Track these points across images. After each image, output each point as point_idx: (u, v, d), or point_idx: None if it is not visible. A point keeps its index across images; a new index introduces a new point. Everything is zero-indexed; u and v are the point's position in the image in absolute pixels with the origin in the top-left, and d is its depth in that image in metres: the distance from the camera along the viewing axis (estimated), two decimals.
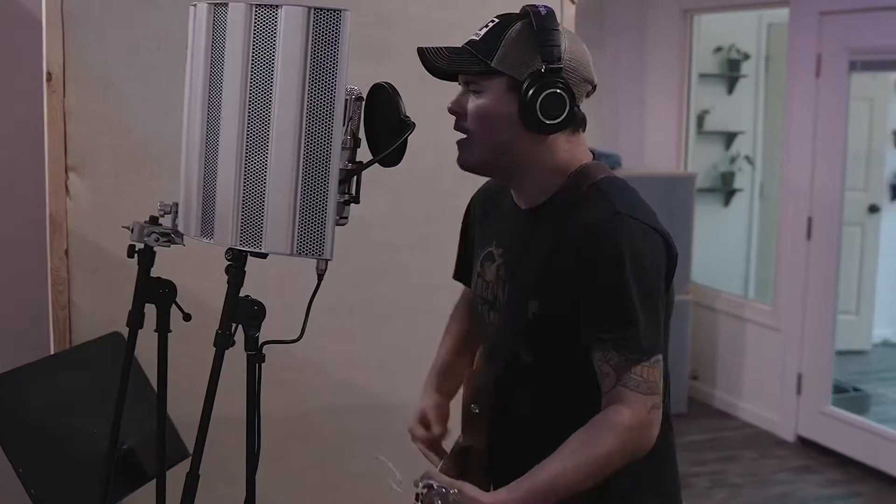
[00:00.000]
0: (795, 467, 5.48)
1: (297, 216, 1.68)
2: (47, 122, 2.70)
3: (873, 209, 7.06)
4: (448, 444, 2.10)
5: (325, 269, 1.80)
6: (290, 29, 1.65)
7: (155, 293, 1.96)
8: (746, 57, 7.10)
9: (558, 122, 1.82)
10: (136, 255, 1.94)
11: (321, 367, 3.01)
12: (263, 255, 1.76)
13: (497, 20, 1.87)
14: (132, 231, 1.93)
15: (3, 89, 3.33)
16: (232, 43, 1.68)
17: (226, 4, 1.70)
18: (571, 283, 1.82)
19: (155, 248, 1.93)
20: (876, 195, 7.13)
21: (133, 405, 2.12)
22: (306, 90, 1.66)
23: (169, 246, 1.92)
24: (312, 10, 1.64)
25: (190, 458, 2.41)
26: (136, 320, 1.96)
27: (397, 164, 1.85)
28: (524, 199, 1.95)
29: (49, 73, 2.67)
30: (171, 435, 2.45)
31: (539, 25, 1.81)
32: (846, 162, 5.52)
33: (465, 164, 1.92)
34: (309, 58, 1.65)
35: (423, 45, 1.89)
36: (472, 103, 1.86)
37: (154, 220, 1.93)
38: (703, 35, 6.70)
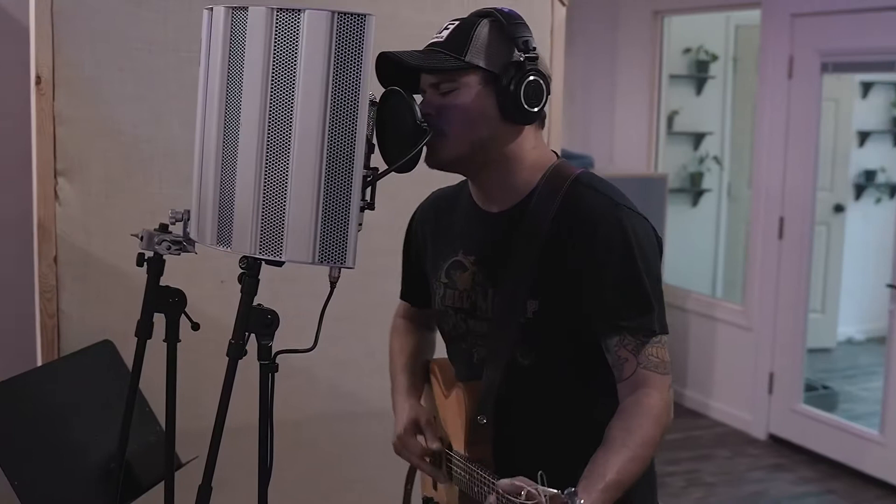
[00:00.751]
0: (768, 465, 5.53)
1: (319, 224, 1.65)
2: (35, 126, 2.64)
3: (839, 209, 7.16)
4: None
5: (339, 276, 1.78)
6: (313, 33, 1.61)
7: (164, 302, 1.92)
8: (715, 58, 7.15)
9: (538, 111, 1.84)
10: (145, 263, 1.89)
11: (313, 373, 2.98)
12: (279, 264, 1.72)
13: (457, 22, 1.87)
14: (141, 239, 1.88)
15: None
16: (252, 47, 1.65)
17: (245, 8, 1.66)
18: (578, 277, 1.82)
19: (164, 257, 1.89)
20: (841, 195, 7.23)
21: None
22: (329, 96, 1.62)
23: (179, 254, 1.88)
24: (336, 15, 1.61)
25: (183, 467, 2.40)
26: (145, 330, 1.92)
27: (412, 169, 1.83)
28: (495, 200, 1.93)
29: (38, 76, 2.61)
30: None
31: (509, 21, 1.83)
32: (818, 162, 5.58)
33: (439, 162, 1.88)
34: (332, 63, 1.61)
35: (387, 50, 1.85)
36: (447, 101, 1.83)
37: (164, 228, 1.88)
38: (673, 36, 6.74)
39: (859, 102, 7.46)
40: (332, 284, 1.77)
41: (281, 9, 1.63)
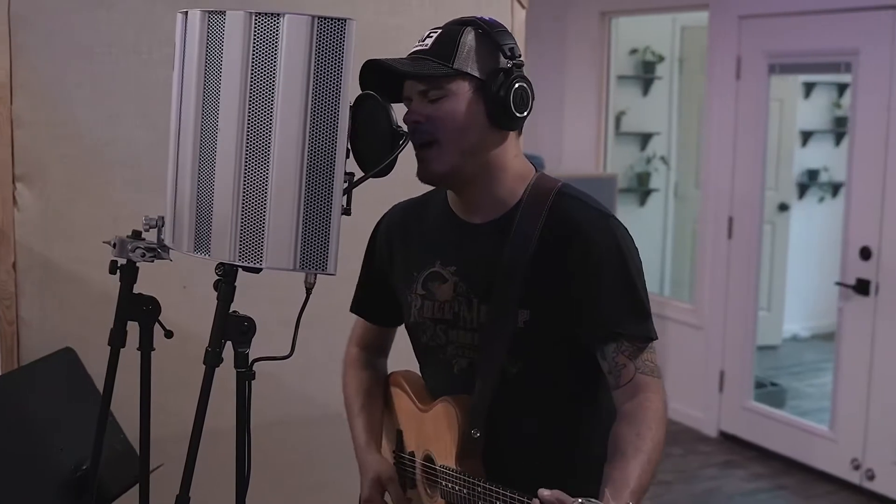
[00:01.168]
0: (720, 462, 5.59)
1: (301, 231, 1.64)
2: None
3: (783, 207, 7.26)
4: None
5: (315, 282, 1.77)
6: (293, 38, 1.60)
7: (137, 310, 1.89)
8: (661, 59, 7.21)
9: (524, 116, 1.87)
10: (118, 271, 1.86)
11: (279, 378, 2.94)
12: (256, 270, 1.71)
13: (440, 30, 1.87)
14: (114, 246, 1.85)
15: None
16: (230, 53, 1.62)
17: (222, 12, 1.64)
18: (570, 287, 1.84)
19: (138, 264, 1.86)
20: (786, 194, 7.33)
21: (89, 425, 2.04)
22: (310, 102, 1.61)
23: (153, 261, 1.85)
24: (317, 19, 1.60)
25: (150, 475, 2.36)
26: (118, 339, 1.89)
27: (387, 174, 1.82)
28: (479, 211, 1.93)
29: None
30: (129, 454, 2.38)
31: (492, 28, 1.86)
32: (766, 162, 5.65)
33: (435, 174, 1.88)
34: (312, 68, 1.60)
35: (372, 55, 1.84)
36: (437, 108, 1.84)
37: (137, 235, 1.85)
38: (620, 37, 6.79)
39: (802, 102, 7.58)
40: (308, 290, 1.76)
41: (260, 13, 1.61)
